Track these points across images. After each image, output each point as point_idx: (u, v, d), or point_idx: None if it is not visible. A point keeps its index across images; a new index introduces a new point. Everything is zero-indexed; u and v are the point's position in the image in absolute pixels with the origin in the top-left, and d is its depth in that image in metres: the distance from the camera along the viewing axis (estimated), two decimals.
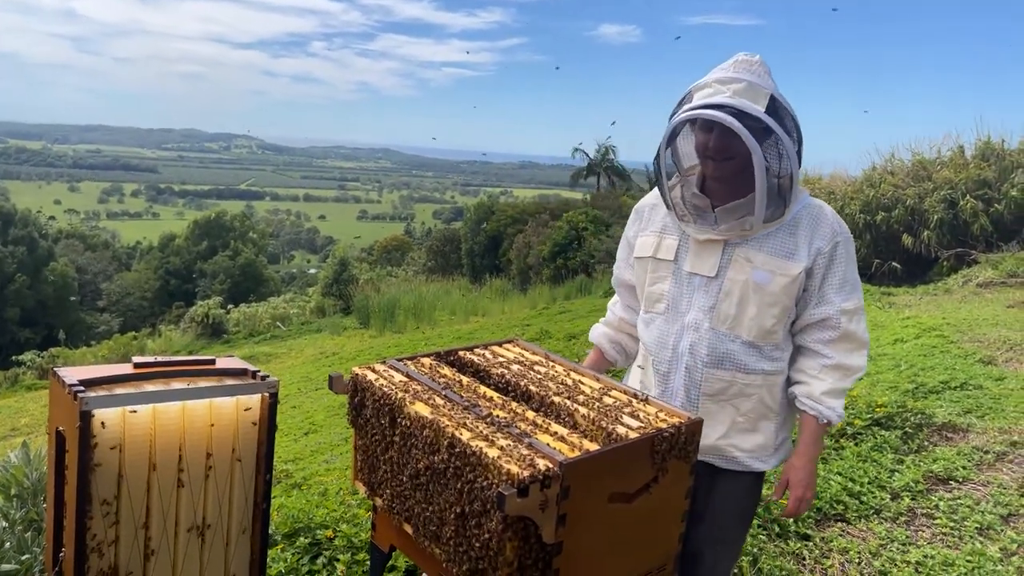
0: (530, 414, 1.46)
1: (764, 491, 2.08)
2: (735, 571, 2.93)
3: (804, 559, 3.16)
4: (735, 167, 1.75)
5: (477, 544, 1.29)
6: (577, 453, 1.32)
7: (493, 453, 1.27)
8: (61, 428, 1.53)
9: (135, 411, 1.52)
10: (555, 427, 1.41)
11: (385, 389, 1.51)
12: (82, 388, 1.49)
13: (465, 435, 1.33)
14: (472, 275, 25.76)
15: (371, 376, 1.58)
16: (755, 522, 3.27)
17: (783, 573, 2.97)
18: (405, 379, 1.57)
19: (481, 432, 1.34)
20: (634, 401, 1.60)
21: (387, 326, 16.10)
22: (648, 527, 1.48)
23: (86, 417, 1.45)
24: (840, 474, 3.86)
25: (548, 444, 1.33)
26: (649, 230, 1.99)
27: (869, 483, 3.80)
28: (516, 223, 26.82)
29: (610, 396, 1.60)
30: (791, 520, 3.37)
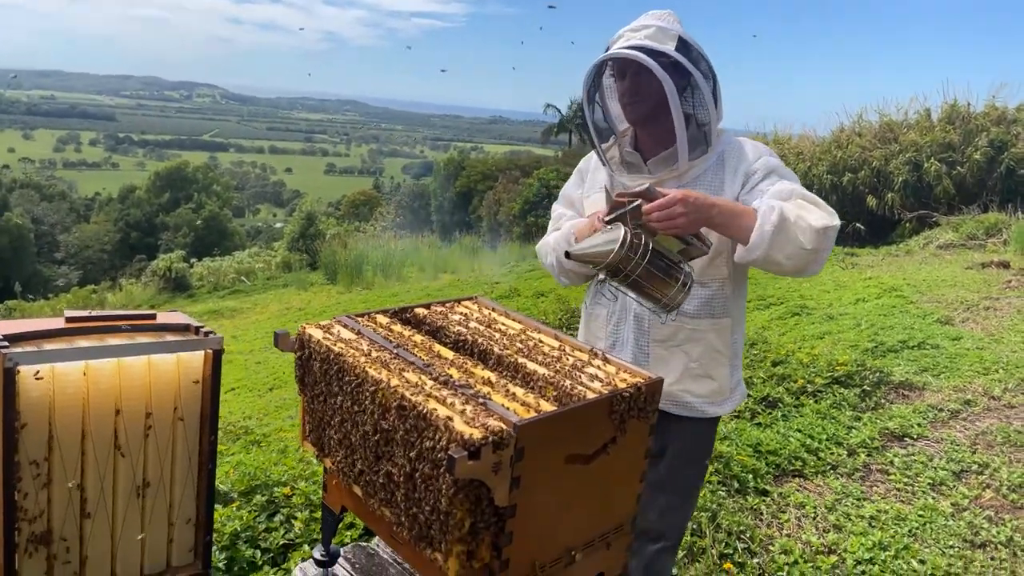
0: (486, 374, 1.41)
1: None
2: (694, 527, 2.96)
3: (762, 514, 3.20)
4: (651, 106, 1.80)
5: (427, 507, 1.24)
6: (533, 414, 1.26)
7: (444, 414, 1.22)
8: None
9: (65, 368, 1.43)
10: (511, 387, 1.36)
11: (333, 347, 1.44)
12: (6, 343, 1.39)
13: (415, 395, 1.27)
14: (442, 232, 25.54)
15: (319, 334, 1.51)
16: (714, 479, 3.31)
17: (741, 528, 3.01)
18: (355, 337, 1.50)
19: (432, 392, 1.29)
20: (594, 360, 1.55)
21: (355, 282, 15.94)
22: (606, 488, 1.44)
23: (10, 374, 1.36)
24: (799, 431, 3.92)
25: (503, 404, 1.27)
26: (594, 191, 2.04)
27: (827, 440, 3.87)
28: (486, 179, 26.58)
29: (570, 355, 1.55)
30: (750, 476, 3.41)
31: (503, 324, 1.69)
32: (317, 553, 1.71)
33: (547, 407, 1.30)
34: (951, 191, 11.82)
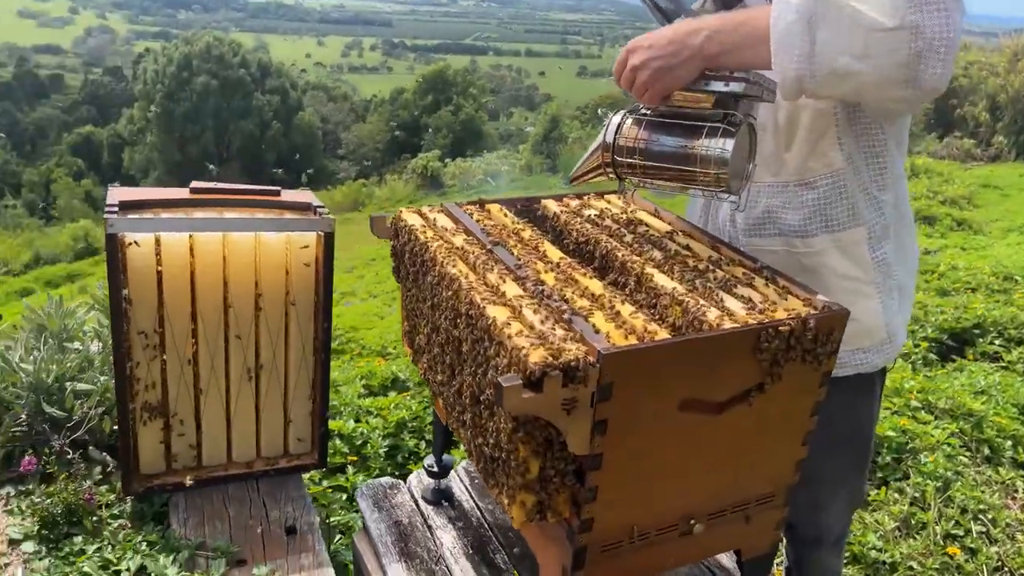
0: (592, 283, 1.10)
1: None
2: (915, 495, 2.42)
3: (1016, 493, 2.55)
4: None
5: (491, 440, 1.01)
6: (633, 340, 0.95)
7: (512, 329, 0.95)
8: None
9: (169, 238, 1.38)
10: (621, 305, 1.05)
11: (422, 238, 1.22)
12: (115, 208, 1.37)
13: (487, 302, 1.01)
14: None
15: (415, 221, 1.30)
16: (954, 440, 2.68)
17: (981, 507, 2.40)
18: (453, 227, 1.27)
19: (511, 300, 1.02)
20: (755, 278, 1.17)
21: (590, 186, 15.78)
22: (748, 448, 1.10)
23: (112, 240, 1.34)
24: None
25: (595, 326, 0.97)
26: None
27: None
28: None
29: (722, 269, 1.18)
30: (1008, 443, 2.72)
31: (647, 224, 1.35)
32: (428, 463, 1.57)
33: (658, 334, 0.97)
34: None
